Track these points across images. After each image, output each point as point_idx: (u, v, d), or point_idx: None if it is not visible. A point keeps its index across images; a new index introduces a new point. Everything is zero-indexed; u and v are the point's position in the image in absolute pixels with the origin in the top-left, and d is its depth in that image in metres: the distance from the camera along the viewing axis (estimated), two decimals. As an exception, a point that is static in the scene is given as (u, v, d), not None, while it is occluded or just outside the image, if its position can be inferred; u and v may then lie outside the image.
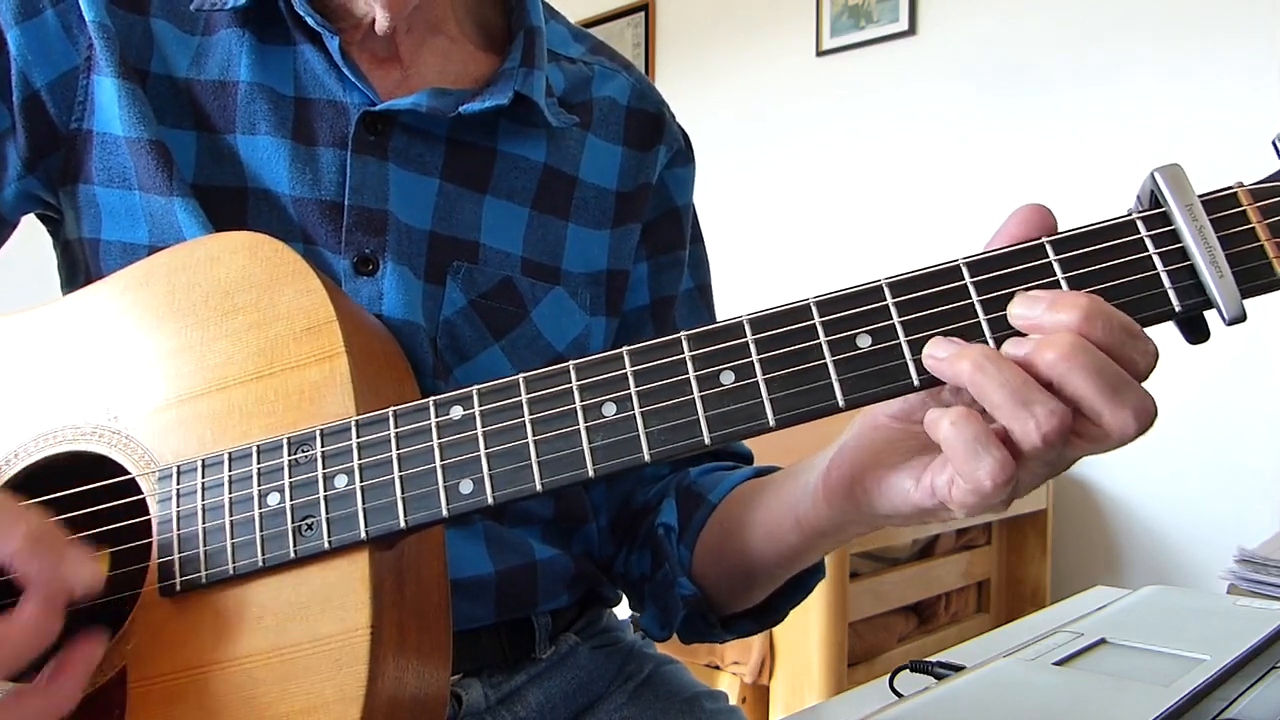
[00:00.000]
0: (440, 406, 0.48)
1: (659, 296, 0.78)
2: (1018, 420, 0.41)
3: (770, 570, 0.64)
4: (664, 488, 0.75)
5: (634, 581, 0.75)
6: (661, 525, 0.71)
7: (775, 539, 0.61)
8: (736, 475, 0.71)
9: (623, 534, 0.77)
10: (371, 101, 0.65)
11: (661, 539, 0.70)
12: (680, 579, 0.68)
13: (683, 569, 0.69)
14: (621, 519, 0.77)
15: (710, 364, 0.46)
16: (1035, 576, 2.47)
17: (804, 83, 3.07)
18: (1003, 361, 0.41)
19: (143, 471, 0.53)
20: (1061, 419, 0.41)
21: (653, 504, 0.74)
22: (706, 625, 0.70)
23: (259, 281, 0.53)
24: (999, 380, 0.41)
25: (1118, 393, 0.41)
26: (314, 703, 0.47)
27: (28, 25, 0.63)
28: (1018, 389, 0.41)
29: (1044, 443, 0.41)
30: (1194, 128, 2.35)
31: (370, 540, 0.48)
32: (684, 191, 0.80)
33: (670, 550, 0.69)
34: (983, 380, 0.41)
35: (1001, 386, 0.41)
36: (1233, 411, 2.29)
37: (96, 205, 0.64)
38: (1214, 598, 0.91)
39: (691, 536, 0.69)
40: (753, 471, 0.71)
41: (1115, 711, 0.57)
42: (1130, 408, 0.41)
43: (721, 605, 0.69)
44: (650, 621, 0.72)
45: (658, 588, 0.71)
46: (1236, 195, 0.43)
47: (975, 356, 0.42)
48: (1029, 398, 0.41)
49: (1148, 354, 0.42)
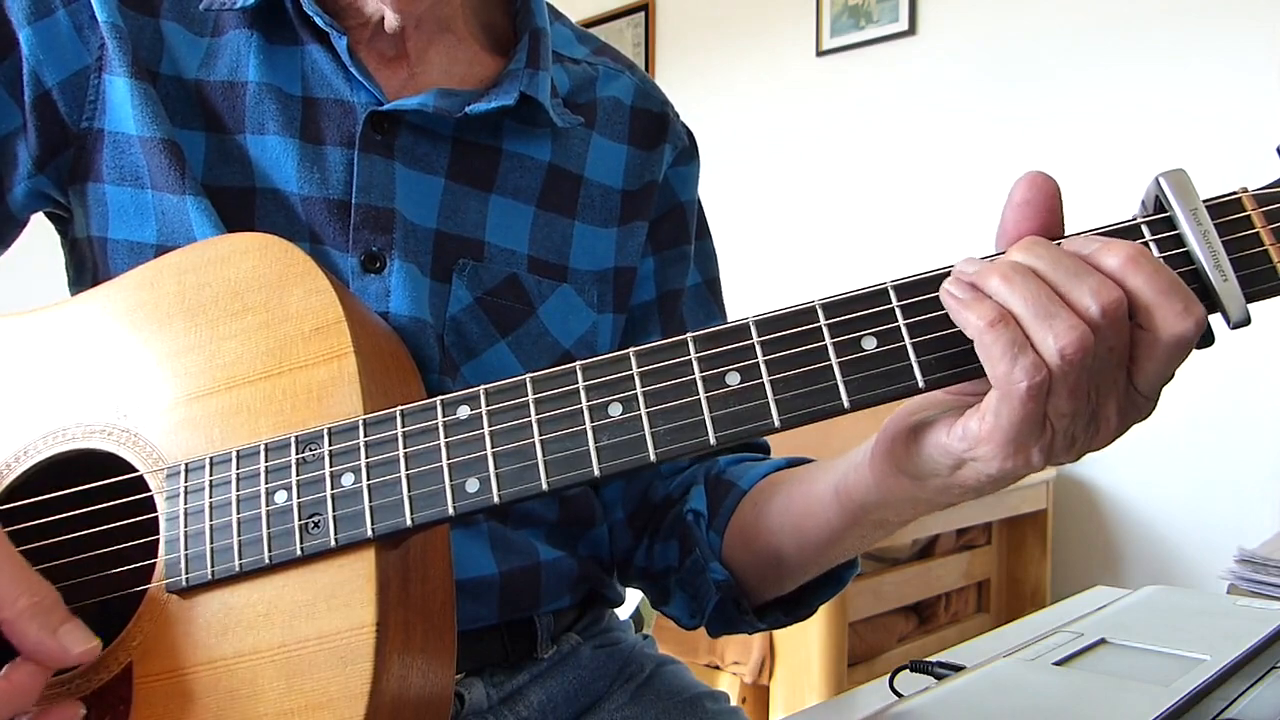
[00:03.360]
0: (447, 406, 0.49)
1: (665, 290, 0.78)
2: (1038, 331, 0.41)
3: (805, 554, 0.63)
4: (688, 478, 0.74)
5: (657, 573, 0.74)
6: (691, 512, 0.70)
7: (813, 515, 0.60)
8: (768, 464, 0.71)
9: (642, 527, 0.76)
10: (379, 101, 0.66)
11: (691, 525, 0.70)
12: (712, 564, 0.68)
13: (714, 554, 0.69)
14: (641, 512, 0.76)
15: (716, 365, 0.46)
16: (1035, 576, 2.48)
17: (804, 83, 3.07)
18: (1028, 274, 0.42)
19: (151, 469, 0.53)
20: (1082, 335, 0.41)
21: (676, 495, 0.74)
22: (738, 613, 0.69)
23: (268, 282, 0.54)
24: (1023, 291, 0.42)
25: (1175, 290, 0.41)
26: (319, 700, 0.47)
27: (39, 25, 0.64)
28: (1041, 302, 0.41)
29: (1061, 358, 0.41)
30: (1194, 128, 2.35)
31: (376, 538, 0.48)
32: (689, 188, 0.81)
33: (700, 536, 0.69)
34: (1006, 291, 0.42)
35: (1024, 298, 0.42)
36: (1233, 412, 2.30)
37: (106, 204, 0.65)
38: (1214, 598, 0.91)
39: (722, 522, 0.69)
40: (785, 461, 0.71)
41: (1115, 711, 0.58)
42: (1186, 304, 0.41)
43: (752, 593, 0.69)
44: (679, 610, 0.72)
45: (687, 575, 0.70)
46: (1241, 200, 0.43)
47: (1003, 268, 0.42)
48: (1051, 311, 0.41)
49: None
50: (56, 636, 0.46)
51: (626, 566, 0.78)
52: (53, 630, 0.46)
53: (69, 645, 0.46)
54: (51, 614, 0.46)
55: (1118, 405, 0.44)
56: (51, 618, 0.46)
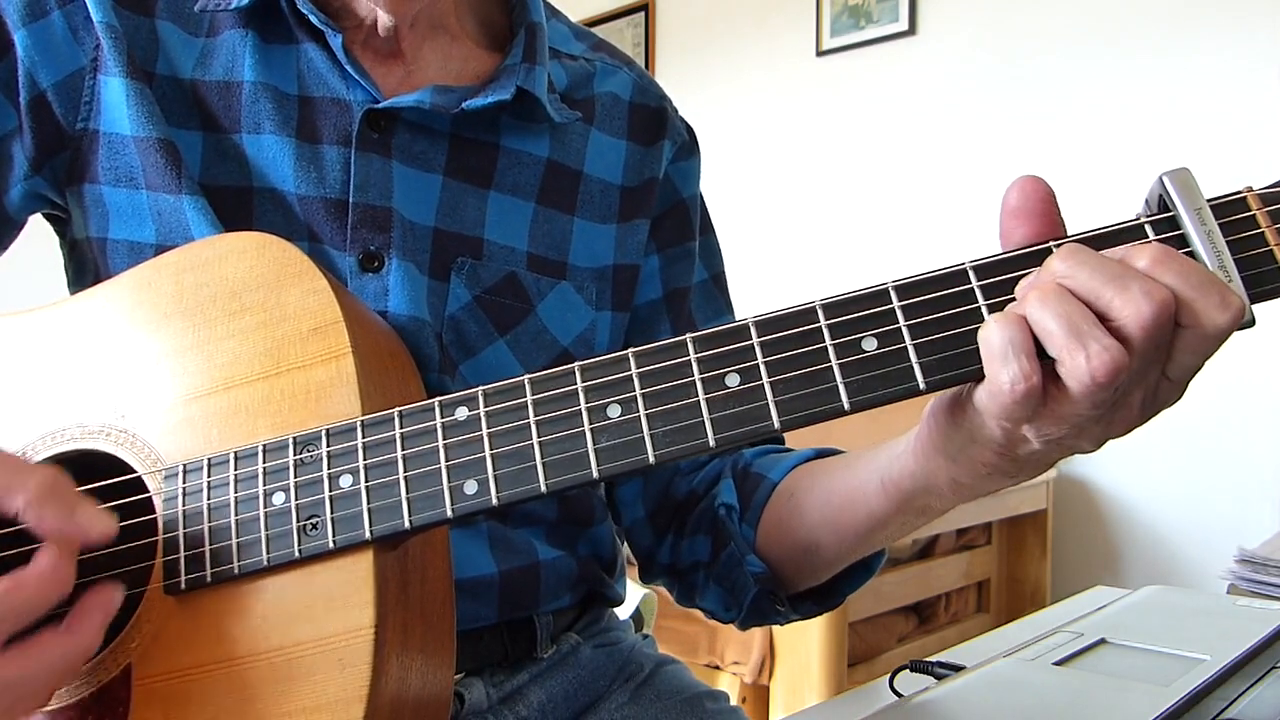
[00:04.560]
0: (445, 407, 0.49)
1: (672, 289, 0.78)
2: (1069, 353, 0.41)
3: (844, 544, 0.63)
4: (711, 472, 0.74)
5: (684, 569, 0.74)
6: (723, 505, 0.70)
7: (855, 506, 0.60)
8: (796, 455, 0.71)
9: (666, 524, 0.76)
10: (375, 99, 0.66)
11: (724, 519, 0.70)
12: (749, 556, 0.68)
13: (749, 547, 0.68)
14: (663, 509, 0.76)
15: (715, 366, 0.46)
16: (1035, 576, 2.48)
17: (804, 83, 3.07)
18: (1064, 295, 0.42)
19: (149, 470, 0.53)
20: (1115, 357, 0.40)
21: (701, 491, 0.74)
22: (772, 604, 0.69)
23: (266, 281, 0.54)
24: (1056, 310, 0.41)
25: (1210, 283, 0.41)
26: (317, 702, 0.47)
27: (35, 26, 0.64)
28: (1075, 322, 0.41)
29: (1092, 379, 0.41)
30: (1196, 126, 2.35)
31: (375, 540, 0.48)
32: (690, 183, 0.81)
33: (734, 530, 0.69)
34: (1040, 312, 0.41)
35: (1058, 317, 0.41)
36: (1233, 412, 2.29)
37: (103, 205, 0.65)
38: (1214, 598, 0.91)
39: (755, 514, 0.69)
40: (814, 452, 0.70)
41: (1115, 711, 0.58)
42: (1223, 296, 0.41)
43: (787, 583, 0.69)
44: (714, 603, 0.72)
45: (723, 568, 0.70)
46: (1245, 199, 0.43)
47: (1040, 291, 0.42)
48: (1085, 330, 0.41)
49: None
50: (75, 518, 0.46)
51: (650, 564, 0.77)
52: (71, 511, 0.46)
53: (86, 526, 0.46)
54: (64, 497, 0.46)
55: (1147, 394, 0.44)
56: (65, 501, 0.46)
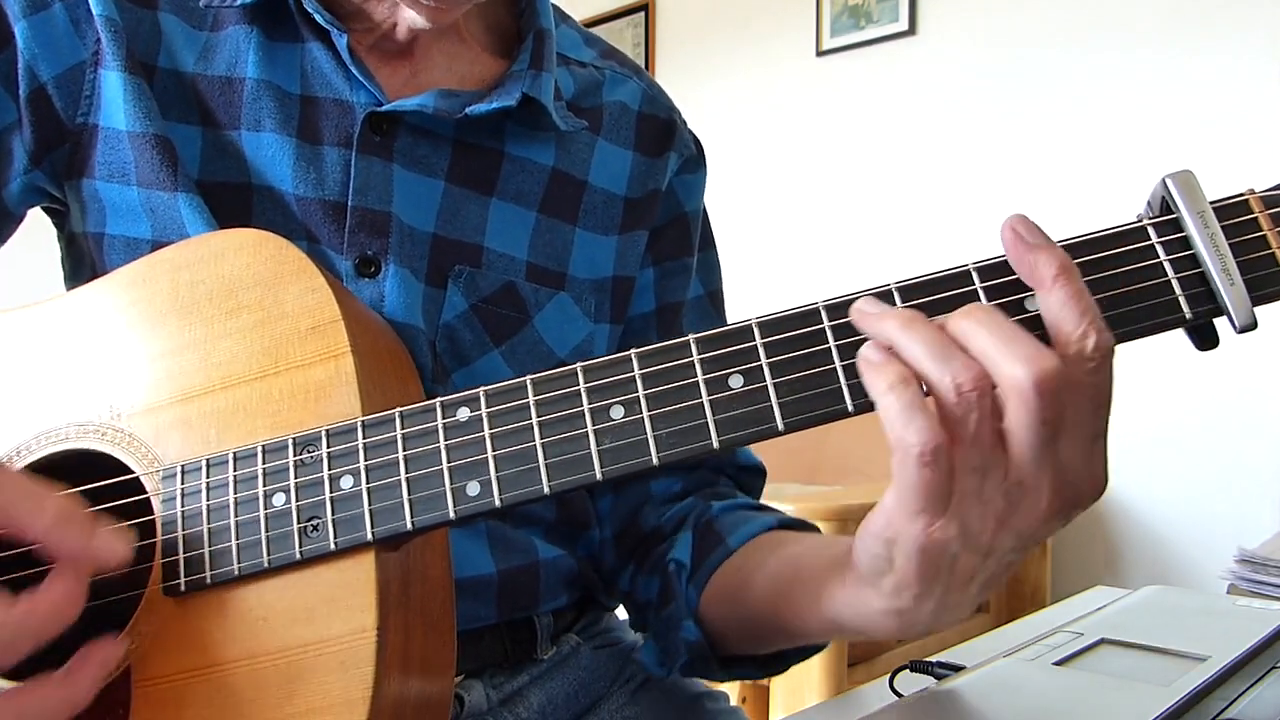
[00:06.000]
0: (447, 408, 0.48)
1: (664, 303, 0.76)
2: (935, 373, 0.41)
3: (789, 628, 0.59)
4: (679, 515, 0.71)
5: (640, 604, 0.72)
6: (673, 561, 0.68)
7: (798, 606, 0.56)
8: (759, 522, 0.67)
9: (629, 552, 0.74)
10: (378, 101, 0.65)
11: (672, 575, 0.67)
12: (685, 622, 0.65)
13: (689, 611, 0.65)
14: (628, 535, 0.74)
15: (719, 367, 0.45)
16: (1035, 576, 2.47)
17: (804, 83, 3.07)
18: (926, 322, 0.42)
19: (147, 470, 0.52)
20: (978, 373, 0.40)
21: (666, 530, 0.71)
22: (706, 667, 0.66)
23: (264, 279, 0.53)
24: (920, 336, 0.41)
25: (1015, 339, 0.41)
26: (319, 705, 0.47)
27: (35, 19, 0.63)
28: (939, 345, 0.41)
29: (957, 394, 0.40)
30: (1196, 127, 2.35)
31: (376, 542, 0.48)
32: (694, 197, 0.79)
33: (679, 590, 0.66)
34: (904, 339, 0.42)
35: (921, 342, 0.41)
36: (1233, 412, 2.29)
37: (100, 200, 0.64)
38: (1214, 598, 0.91)
39: (703, 577, 0.66)
40: (775, 521, 0.67)
41: (1115, 711, 0.57)
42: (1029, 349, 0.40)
43: (725, 647, 0.66)
44: (649, 657, 0.69)
45: (662, 625, 0.68)
46: (1248, 202, 0.43)
47: (899, 315, 0.42)
48: (948, 354, 0.41)
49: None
50: (92, 544, 0.45)
51: (611, 586, 0.76)
52: (89, 537, 0.45)
53: (104, 551, 0.46)
54: (82, 522, 0.46)
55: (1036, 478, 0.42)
56: (83, 526, 0.46)
